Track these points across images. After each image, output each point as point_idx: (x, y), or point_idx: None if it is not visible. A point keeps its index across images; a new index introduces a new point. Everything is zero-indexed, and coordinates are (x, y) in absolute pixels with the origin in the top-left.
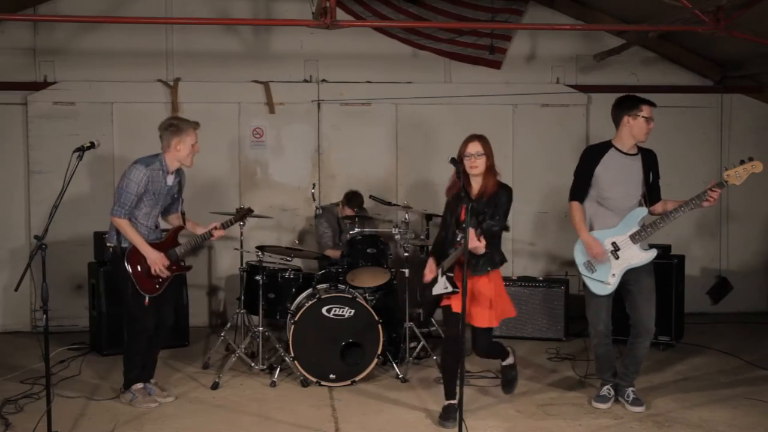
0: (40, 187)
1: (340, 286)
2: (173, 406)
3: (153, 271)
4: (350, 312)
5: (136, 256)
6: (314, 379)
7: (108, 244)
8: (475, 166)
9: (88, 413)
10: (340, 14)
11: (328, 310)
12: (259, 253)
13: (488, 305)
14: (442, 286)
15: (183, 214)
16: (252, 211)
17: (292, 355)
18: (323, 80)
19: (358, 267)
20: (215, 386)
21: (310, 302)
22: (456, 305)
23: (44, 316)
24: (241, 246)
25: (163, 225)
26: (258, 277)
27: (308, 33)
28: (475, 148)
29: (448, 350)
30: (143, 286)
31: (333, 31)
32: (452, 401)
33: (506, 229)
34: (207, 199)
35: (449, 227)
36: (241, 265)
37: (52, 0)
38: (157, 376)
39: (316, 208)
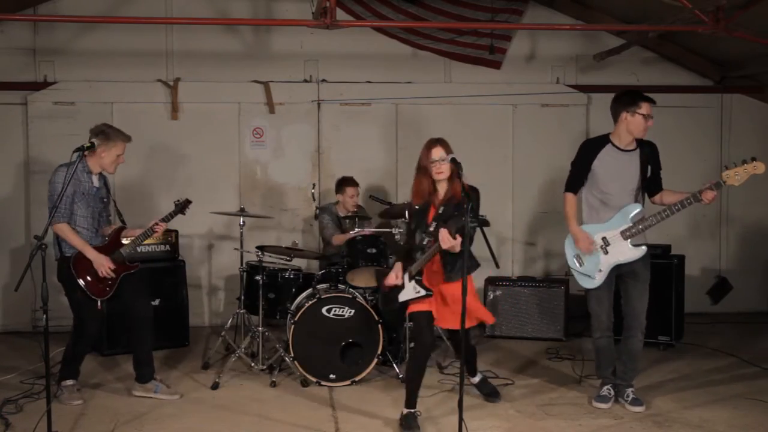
0: (40, 187)
1: (340, 286)
2: (173, 406)
3: (100, 274)
4: (350, 312)
5: (82, 262)
6: (314, 380)
7: (55, 259)
8: (441, 171)
9: (88, 413)
10: (340, 14)
11: (328, 310)
12: (259, 253)
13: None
14: (411, 291)
15: (121, 215)
16: (190, 201)
17: (292, 355)
18: (323, 80)
19: (358, 267)
20: (215, 386)
21: (310, 302)
22: (425, 306)
23: (44, 316)
24: (241, 246)
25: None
26: (258, 277)
27: (308, 33)
28: (438, 153)
29: (419, 355)
30: (94, 291)
31: (333, 31)
32: (412, 410)
33: (486, 224)
34: (206, 199)
35: (415, 233)
36: (241, 265)
37: (52, 0)
38: (158, 374)
39: (316, 208)
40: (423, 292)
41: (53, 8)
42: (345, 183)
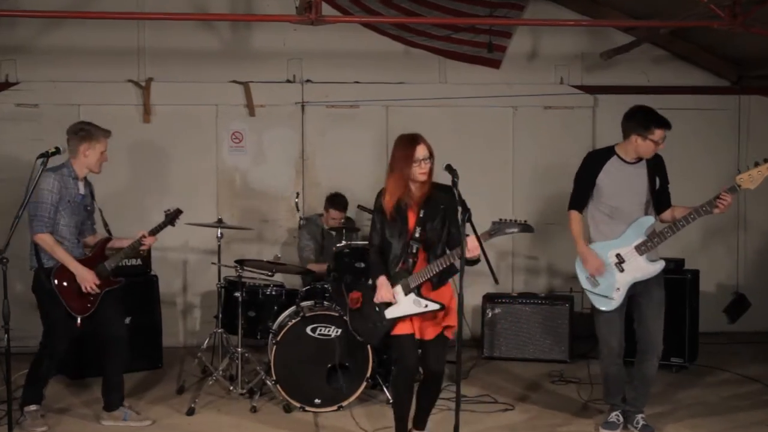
0: (1, 196)
1: (326, 304)
2: None
3: (84, 289)
4: (337, 331)
5: (63, 274)
6: (298, 404)
7: (30, 269)
8: (425, 171)
9: None
10: (326, 9)
11: (313, 330)
12: (239, 268)
13: (446, 314)
14: (410, 306)
15: (107, 226)
16: (181, 211)
17: (274, 378)
18: (307, 80)
19: (344, 283)
20: (191, 412)
21: (294, 321)
22: (409, 328)
23: (5, 335)
24: (219, 260)
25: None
26: (237, 294)
27: (291, 29)
28: (423, 151)
29: (402, 382)
30: (74, 307)
31: (318, 27)
32: None
33: (530, 229)
34: (182, 207)
35: (395, 239)
36: (219, 280)
37: None
38: (128, 400)
39: (300, 218)
40: (434, 306)
41: (15, 3)
42: (331, 203)
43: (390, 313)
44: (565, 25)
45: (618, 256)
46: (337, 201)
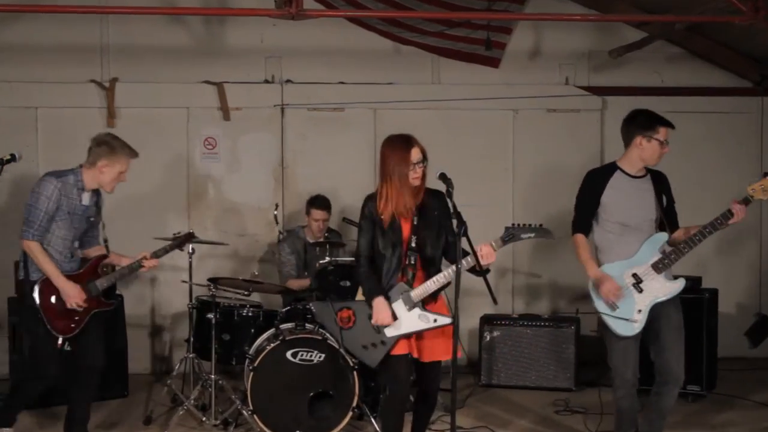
0: None
1: (308, 326)
2: None
3: (68, 305)
4: (320, 356)
5: (48, 288)
6: None
7: (19, 278)
8: (418, 176)
9: None
10: (308, 2)
11: (294, 354)
12: (212, 287)
13: (443, 332)
14: (415, 322)
15: (105, 241)
16: (193, 236)
17: (251, 407)
18: (288, 81)
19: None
20: None
21: (273, 345)
22: (405, 347)
23: None
24: (190, 278)
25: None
26: (210, 315)
27: (270, 25)
28: (417, 154)
29: (394, 407)
30: (56, 326)
31: (299, 22)
32: None
33: (549, 234)
34: (149, 222)
35: (389, 250)
36: (190, 300)
37: None
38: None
39: (280, 232)
40: (444, 320)
41: None
42: (312, 203)
43: (392, 331)
44: (570, 20)
45: (635, 276)
46: (318, 200)
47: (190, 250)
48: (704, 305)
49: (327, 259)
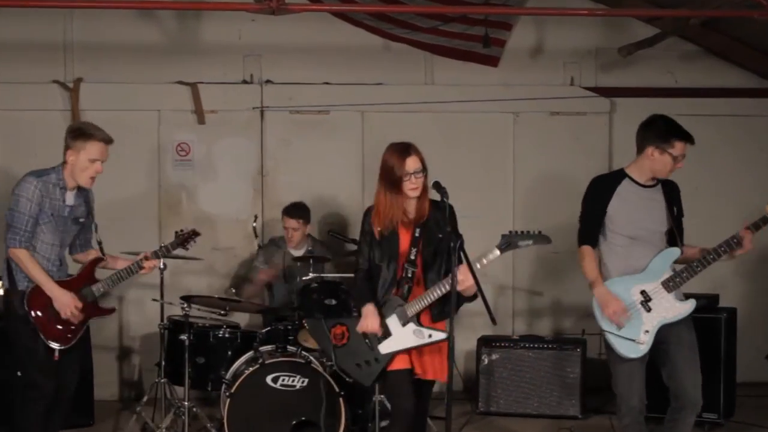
0: None
1: (290, 348)
2: None
3: (63, 315)
4: (303, 382)
5: (39, 298)
6: None
7: (1, 288)
8: (416, 187)
9: None
10: None
11: (275, 380)
12: (185, 306)
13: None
14: (410, 338)
15: (100, 243)
16: (198, 233)
17: None
18: (268, 81)
19: (313, 322)
20: None
21: (251, 369)
22: (406, 362)
23: None
24: (161, 296)
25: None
26: (183, 337)
27: (248, 20)
28: (415, 163)
29: (401, 427)
30: (51, 335)
31: (281, 17)
32: None
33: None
34: (116, 235)
35: (385, 262)
36: (162, 320)
37: None
38: None
39: (259, 246)
40: (439, 335)
41: None
42: (285, 211)
43: (386, 348)
44: (576, 15)
45: (643, 293)
46: (291, 208)
47: (162, 266)
48: (721, 326)
49: (311, 275)
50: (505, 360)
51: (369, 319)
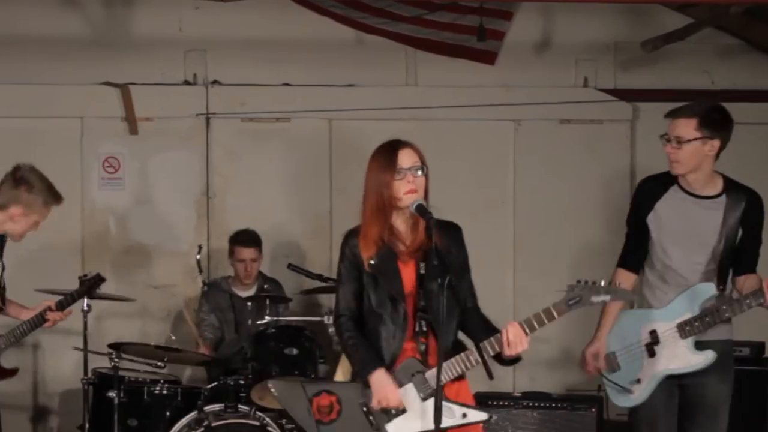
0: None
1: (242, 408)
2: None
3: None
4: None
5: None
6: None
7: None
8: (414, 188)
9: None
10: None
11: None
12: (114, 356)
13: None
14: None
15: (3, 289)
16: (103, 279)
17: None
18: (215, 82)
19: (269, 377)
20: None
21: None
22: None
23: None
24: (85, 344)
25: None
26: (112, 394)
27: (191, 8)
28: (411, 157)
29: None
30: None
31: (230, 4)
32: None
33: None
34: (30, 270)
35: (386, 309)
36: (86, 374)
37: None
38: None
39: (204, 283)
40: (477, 416)
41: None
42: (234, 240)
43: (397, 428)
44: (591, 1)
45: (653, 333)
46: (242, 235)
47: (85, 307)
48: None
49: (266, 319)
50: (505, 420)
51: (387, 389)
